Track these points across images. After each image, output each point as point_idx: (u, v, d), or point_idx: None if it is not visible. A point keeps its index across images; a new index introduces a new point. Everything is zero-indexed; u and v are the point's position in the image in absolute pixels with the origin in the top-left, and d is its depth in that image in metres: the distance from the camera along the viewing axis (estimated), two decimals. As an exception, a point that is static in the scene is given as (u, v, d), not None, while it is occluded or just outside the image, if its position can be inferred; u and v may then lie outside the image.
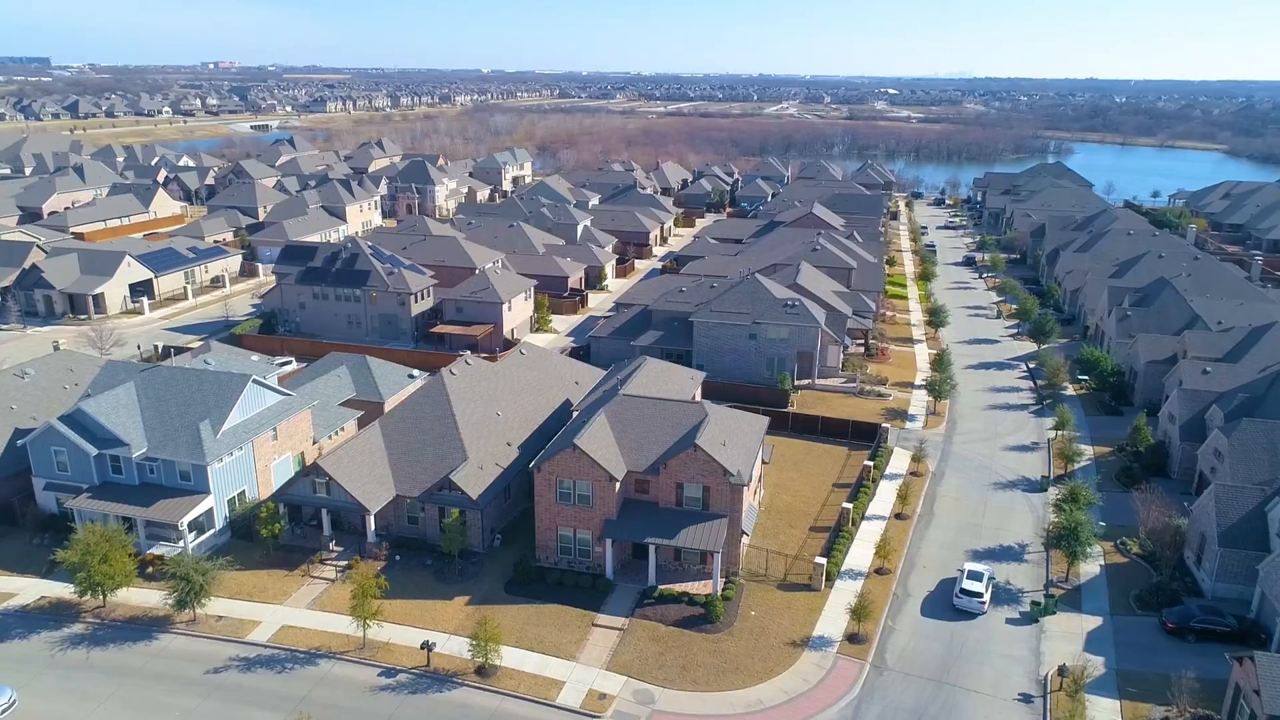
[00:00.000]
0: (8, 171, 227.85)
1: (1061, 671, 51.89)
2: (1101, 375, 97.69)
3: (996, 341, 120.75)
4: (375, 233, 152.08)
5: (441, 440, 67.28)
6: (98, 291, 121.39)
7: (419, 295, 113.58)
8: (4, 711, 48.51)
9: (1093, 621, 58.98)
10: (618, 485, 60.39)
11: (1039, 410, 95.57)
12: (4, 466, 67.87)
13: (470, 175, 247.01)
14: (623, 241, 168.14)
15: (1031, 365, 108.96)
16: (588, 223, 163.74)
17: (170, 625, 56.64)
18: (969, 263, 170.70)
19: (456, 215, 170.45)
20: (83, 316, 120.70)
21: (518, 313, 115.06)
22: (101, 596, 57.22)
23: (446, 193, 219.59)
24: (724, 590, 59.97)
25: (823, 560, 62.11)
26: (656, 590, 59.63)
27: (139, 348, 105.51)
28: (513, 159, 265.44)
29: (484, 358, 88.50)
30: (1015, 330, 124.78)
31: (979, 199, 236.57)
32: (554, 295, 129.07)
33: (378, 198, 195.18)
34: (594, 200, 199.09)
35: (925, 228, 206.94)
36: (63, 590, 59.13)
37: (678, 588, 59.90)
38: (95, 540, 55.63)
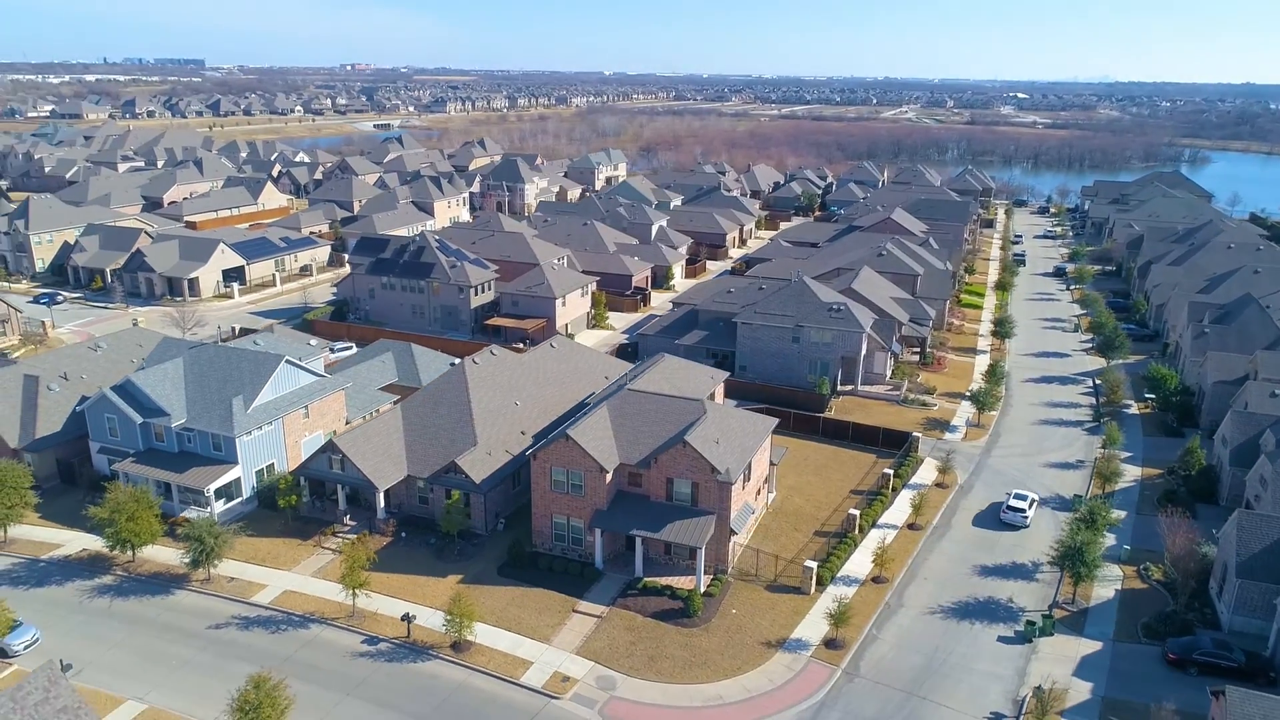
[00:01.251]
0: (141, 164, 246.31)
1: (1037, 693, 50.04)
2: (1165, 394, 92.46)
3: (1066, 355, 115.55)
4: (450, 228, 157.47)
5: (455, 425, 69.87)
6: (193, 276, 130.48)
7: (479, 288, 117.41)
8: (26, 649, 53.66)
9: (1091, 646, 56.49)
10: (609, 476, 61.45)
11: (1094, 428, 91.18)
12: (68, 430, 74.51)
13: (564, 175, 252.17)
14: (698, 242, 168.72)
15: (1097, 381, 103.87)
16: (663, 223, 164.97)
17: (187, 583, 61.11)
18: (1059, 273, 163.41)
19: (535, 213, 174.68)
20: (178, 299, 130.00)
21: (572, 308, 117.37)
22: (130, 552, 62.24)
23: (537, 191, 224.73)
24: (709, 587, 60.23)
25: (813, 564, 61.53)
26: (641, 582, 60.48)
27: (219, 328, 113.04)
28: (607, 159, 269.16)
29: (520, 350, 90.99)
30: (1089, 344, 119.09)
31: (1084, 208, 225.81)
32: (617, 293, 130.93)
33: (466, 194, 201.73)
34: (675, 201, 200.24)
35: (1019, 236, 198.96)
36: (102, 544, 64.33)
37: (662, 581, 60.56)
38: (124, 500, 60.61)
